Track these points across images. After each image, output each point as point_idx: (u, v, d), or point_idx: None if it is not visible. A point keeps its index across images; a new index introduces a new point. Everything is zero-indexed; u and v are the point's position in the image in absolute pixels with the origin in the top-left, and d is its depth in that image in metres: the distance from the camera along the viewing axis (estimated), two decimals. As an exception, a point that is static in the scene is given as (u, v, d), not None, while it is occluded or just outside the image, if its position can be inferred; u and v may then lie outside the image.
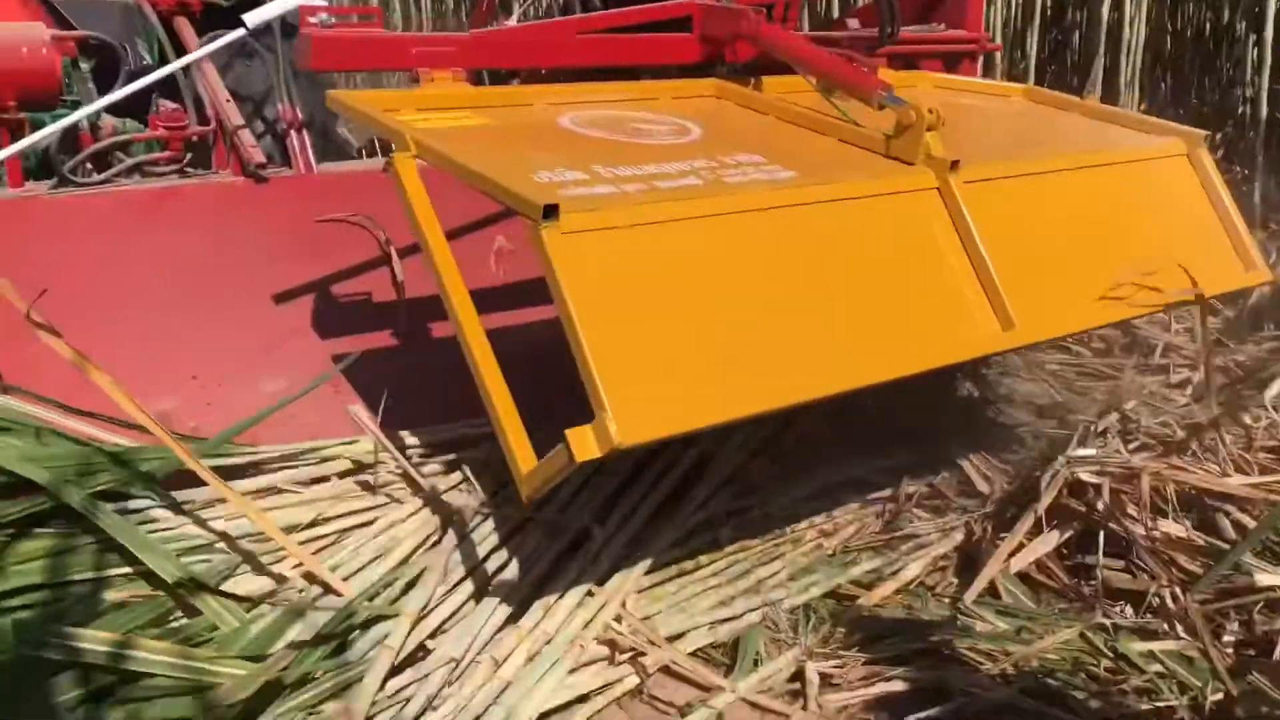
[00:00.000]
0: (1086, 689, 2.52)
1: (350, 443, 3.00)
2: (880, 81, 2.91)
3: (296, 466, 2.91)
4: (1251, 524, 2.90)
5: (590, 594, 2.75)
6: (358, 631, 2.45)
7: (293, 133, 3.73)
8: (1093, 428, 3.29)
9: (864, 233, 2.55)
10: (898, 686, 2.61)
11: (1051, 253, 2.85)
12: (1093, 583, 2.98)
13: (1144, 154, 3.27)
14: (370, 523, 2.84)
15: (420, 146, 2.43)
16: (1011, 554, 3.03)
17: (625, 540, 2.96)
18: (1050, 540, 3.04)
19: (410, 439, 3.07)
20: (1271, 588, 2.70)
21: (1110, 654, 2.67)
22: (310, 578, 2.59)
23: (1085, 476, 3.01)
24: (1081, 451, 3.11)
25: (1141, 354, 4.38)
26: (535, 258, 2.10)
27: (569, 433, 1.99)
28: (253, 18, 3.44)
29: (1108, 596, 2.89)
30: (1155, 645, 2.62)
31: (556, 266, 2.06)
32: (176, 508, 2.64)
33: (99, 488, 2.55)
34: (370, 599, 2.57)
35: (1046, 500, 3.00)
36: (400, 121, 2.62)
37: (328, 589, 2.55)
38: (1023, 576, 3.07)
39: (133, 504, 2.61)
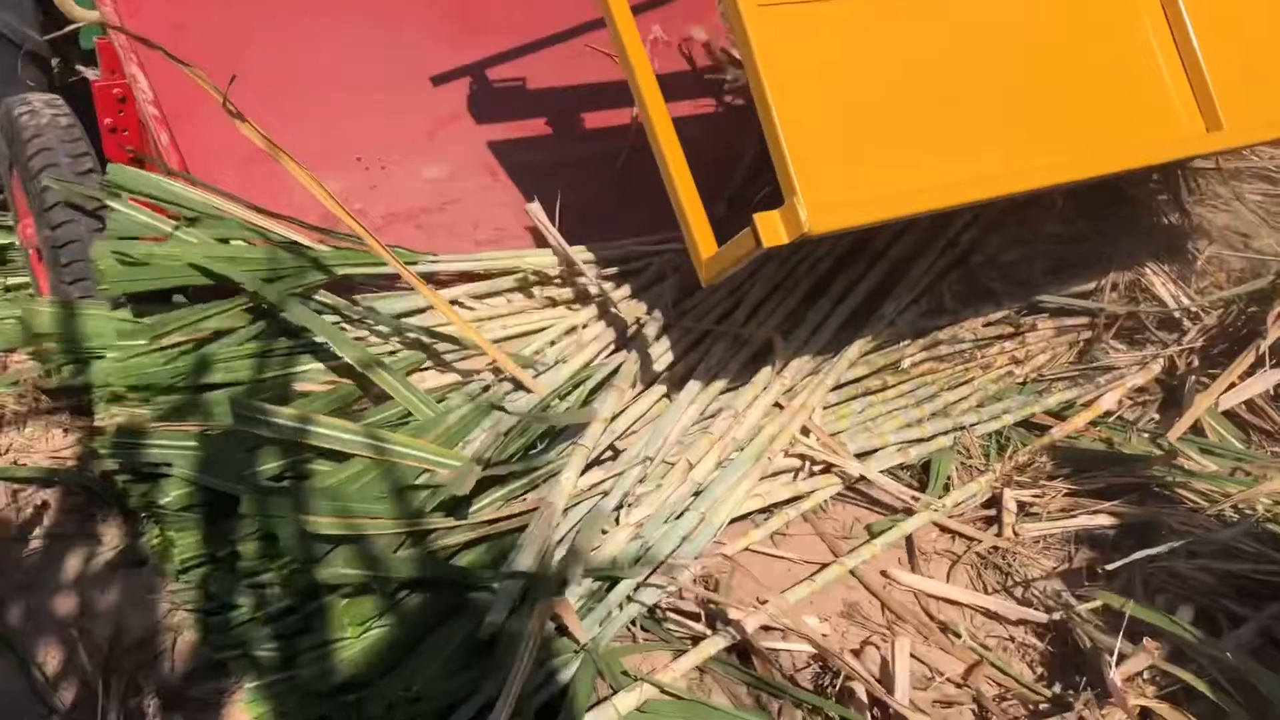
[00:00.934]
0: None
1: (522, 255, 2.91)
2: None
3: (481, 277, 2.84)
4: None
5: (779, 405, 2.65)
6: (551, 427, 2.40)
7: None
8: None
9: (1065, 14, 2.34)
10: (1103, 520, 2.49)
11: (1264, 46, 2.57)
12: (1309, 425, 2.79)
13: None
14: (553, 327, 2.76)
15: None
16: (1223, 391, 2.84)
17: (811, 354, 2.83)
18: (1269, 379, 2.84)
19: (583, 253, 2.95)
20: None
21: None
22: (499, 374, 2.54)
23: (1318, 311, 2.77)
24: (1313, 285, 2.86)
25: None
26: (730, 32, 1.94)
27: (757, 217, 1.90)
28: None
29: (1329, 440, 2.71)
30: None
31: (753, 40, 1.93)
32: (365, 309, 2.60)
33: (295, 290, 2.51)
34: (561, 398, 2.51)
35: (1273, 336, 2.77)
36: None
37: (519, 385, 2.49)
38: (1230, 416, 2.89)
39: (325, 302, 2.57)
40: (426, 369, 2.60)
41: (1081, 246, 3.39)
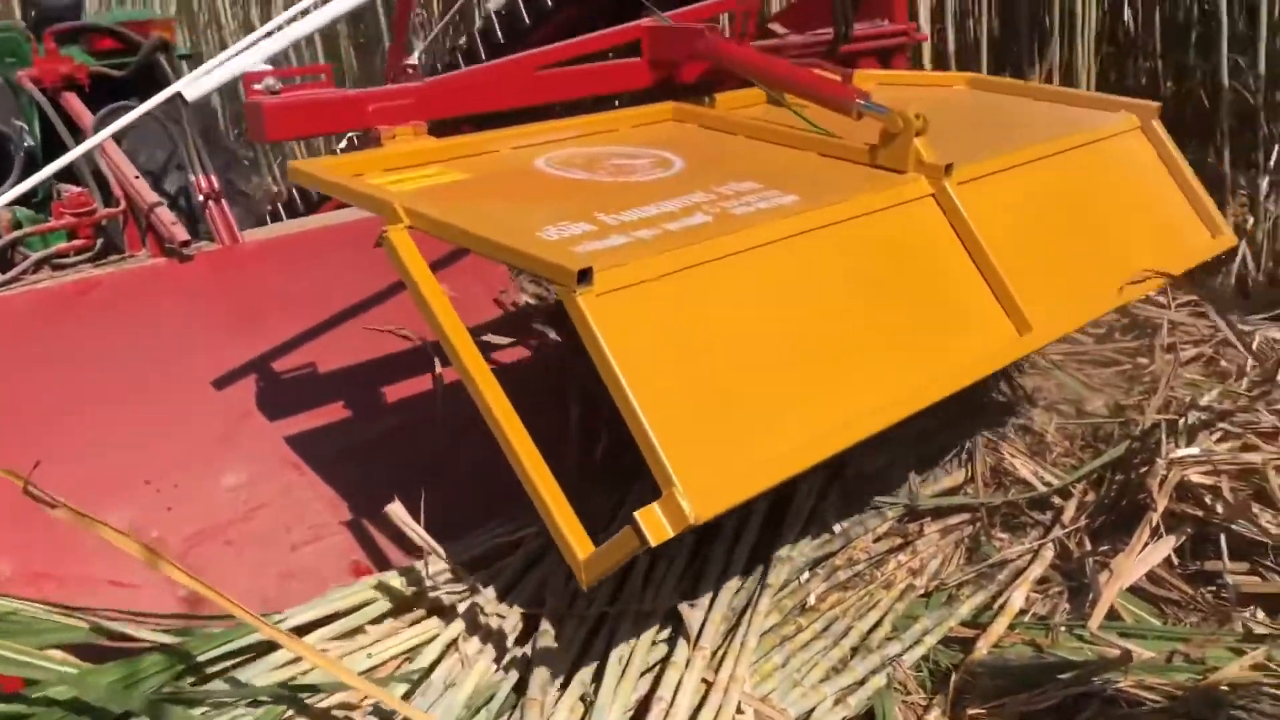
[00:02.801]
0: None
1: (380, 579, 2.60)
2: (856, 89, 2.75)
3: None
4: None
5: (706, 682, 2.35)
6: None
7: (211, 204, 3.38)
8: (1183, 423, 3.04)
9: (876, 251, 2.41)
10: (1071, 740, 2.29)
11: (1045, 246, 2.73)
12: (1211, 590, 2.74)
13: (1105, 131, 3.16)
14: (429, 645, 2.41)
15: (412, 215, 2.15)
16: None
17: (722, 611, 2.57)
18: (1163, 549, 2.80)
19: (439, 563, 2.64)
20: None
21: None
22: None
23: (1197, 477, 2.76)
24: (1184, 451, 2.86)
25: (1145, 335, 4.19)
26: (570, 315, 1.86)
27: (639, 514, 1.79)
28: (192, 90, 3.02)
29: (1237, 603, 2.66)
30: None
31: (600, 333, 1.85)
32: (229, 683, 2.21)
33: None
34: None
35: (1162, 505, 2.74)
36: (379, 188, 2.34)
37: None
38: (1135, 591, 2.81)
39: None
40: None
41: (936, 440, 3.34)
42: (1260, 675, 2.34)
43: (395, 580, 2.58)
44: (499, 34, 3.95)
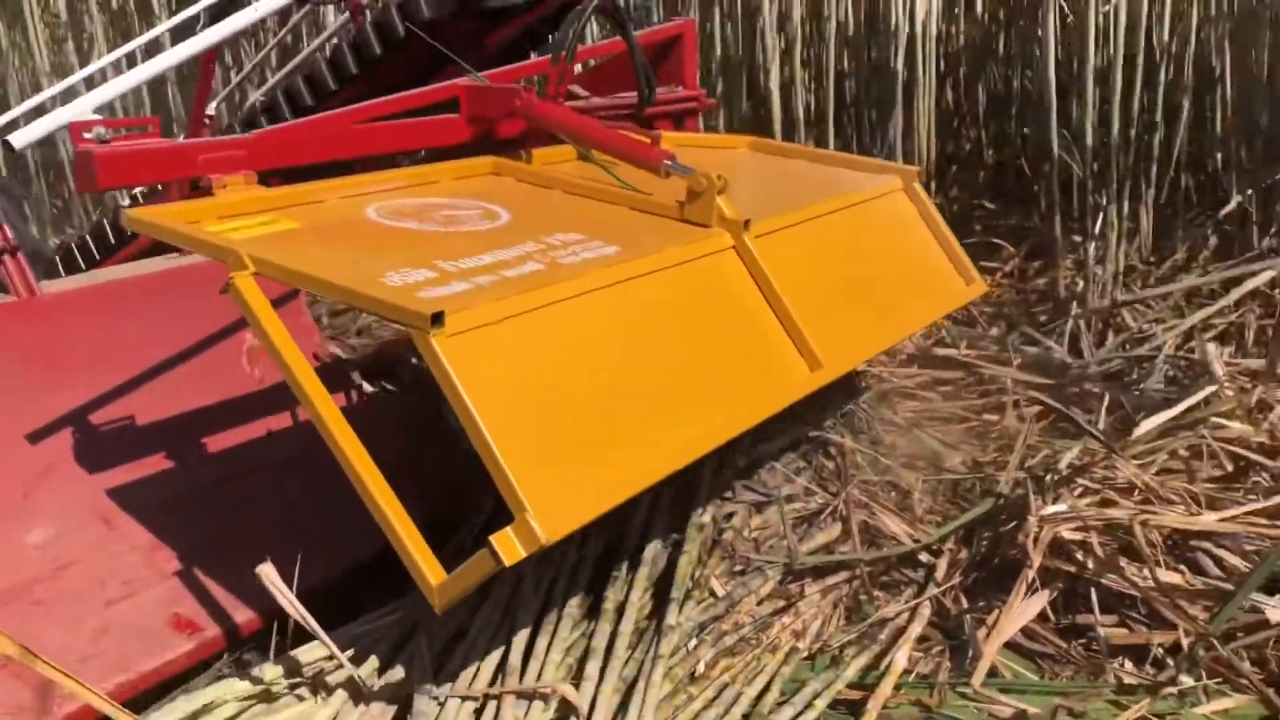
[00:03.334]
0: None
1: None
2: (663, 151, 2.99)
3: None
4: (1235, 560, 2.81)
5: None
6: None
7: (5, 257, 3.14)
8: (1048, 479, 3.13)
9: (688, 297, 2.66)
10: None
11: (830, 292, 3.05)
12: (1082, 643, 2.81)
13: (875, 192, 3.55)
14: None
15: (258, 261, 2.22)
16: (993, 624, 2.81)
17: (608, 691, 2.48)
18: (1038, 603, 2.85)
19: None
20: (1286, 621, 2.59)
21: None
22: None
23: (1067, 533, 2.84)
24: (1054, 508, 2.94)
25: (990, 393, 4.35)
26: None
27: (493, 539, 1.95)
28: (17, 138, 2.85)
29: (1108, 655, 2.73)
30: (1225, 704, 2.44)
31: (454, 372, 2.00)
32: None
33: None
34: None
35: (1038, 561, 2.80)
36: (220, 235, 2.40)
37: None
38: (1011, 647, 2.86)
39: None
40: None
41: (814, 497, 3.34)
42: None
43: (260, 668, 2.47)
44: (306, 97, 4.03)
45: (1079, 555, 2.85)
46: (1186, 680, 2.56)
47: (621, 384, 2.32)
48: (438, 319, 1.98)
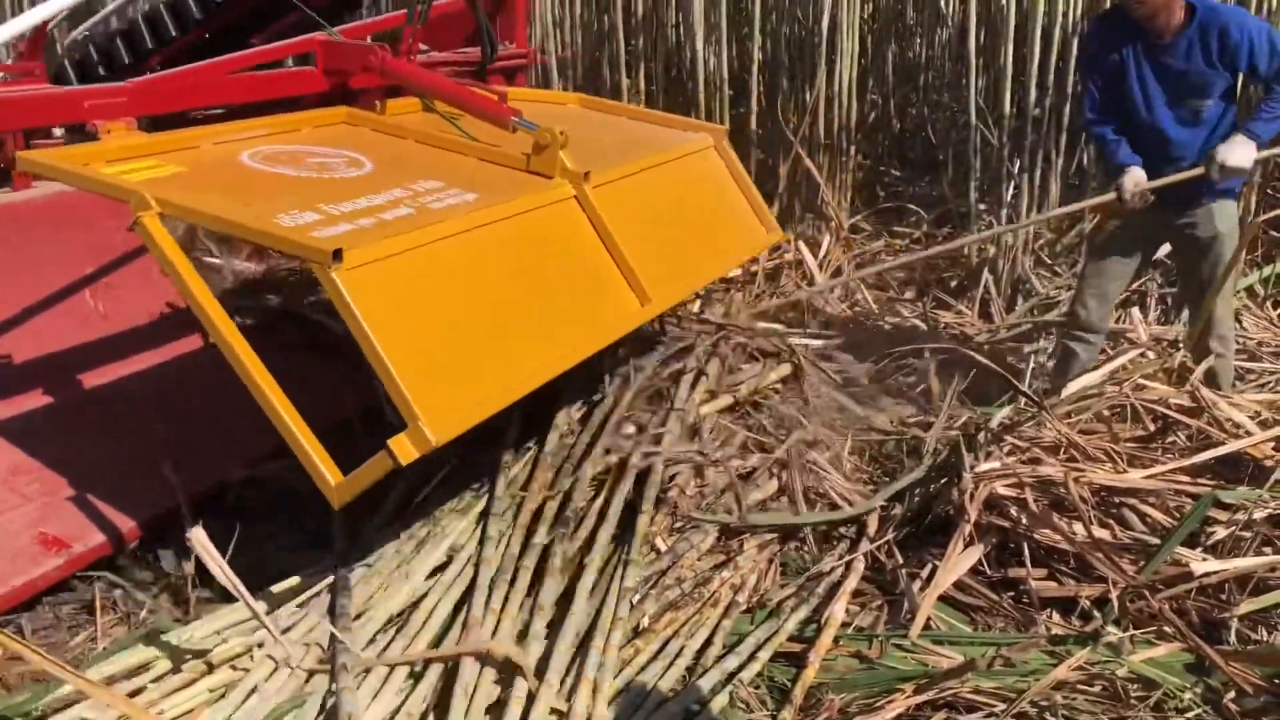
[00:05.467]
0: (1115, 713, 2.39)
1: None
2: (511, 107, 3.26)
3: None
4: (1159, 515, 2.92)
5: (558, 713, 2.24)
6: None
7: None
8: (981, 438, 3.20)
9: (539, 239, 2.95)
10: (919, 753, 2.34)
11: (655, 237, 3.34)
12: (1011, 595, 2.90)
13: (691, 148, 3.89)
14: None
15: (163, 202, 2.40)
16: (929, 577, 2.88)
17: (565, 645, 2.47)
18: (972, 556, 2.92)
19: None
20: (1207, 574, 2.70)
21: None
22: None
23: (1002, 489, 2.91)
24: (988, 465, 3.00)
25: (911, 355, 4.43)
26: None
27: (391, 442, 2.23)
28: None
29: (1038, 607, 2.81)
30: (1154, 653, 2.53)
31: (353, 302, 2.26)
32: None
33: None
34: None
35: (974, 516, 2.86)
36: (118, 177, 2.54)
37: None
38: (944, 599, 2.92)
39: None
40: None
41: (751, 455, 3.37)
42: (1080, 675, 2.47)
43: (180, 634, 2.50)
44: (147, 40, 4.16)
45: (1012, 511, 2.92)
46: (1113, 631, 2.65)
47: (490, 312, 2.63)
48: (338, 255, 2.24)
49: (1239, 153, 3.59)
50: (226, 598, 2.60)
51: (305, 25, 3.80)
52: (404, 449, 2.23)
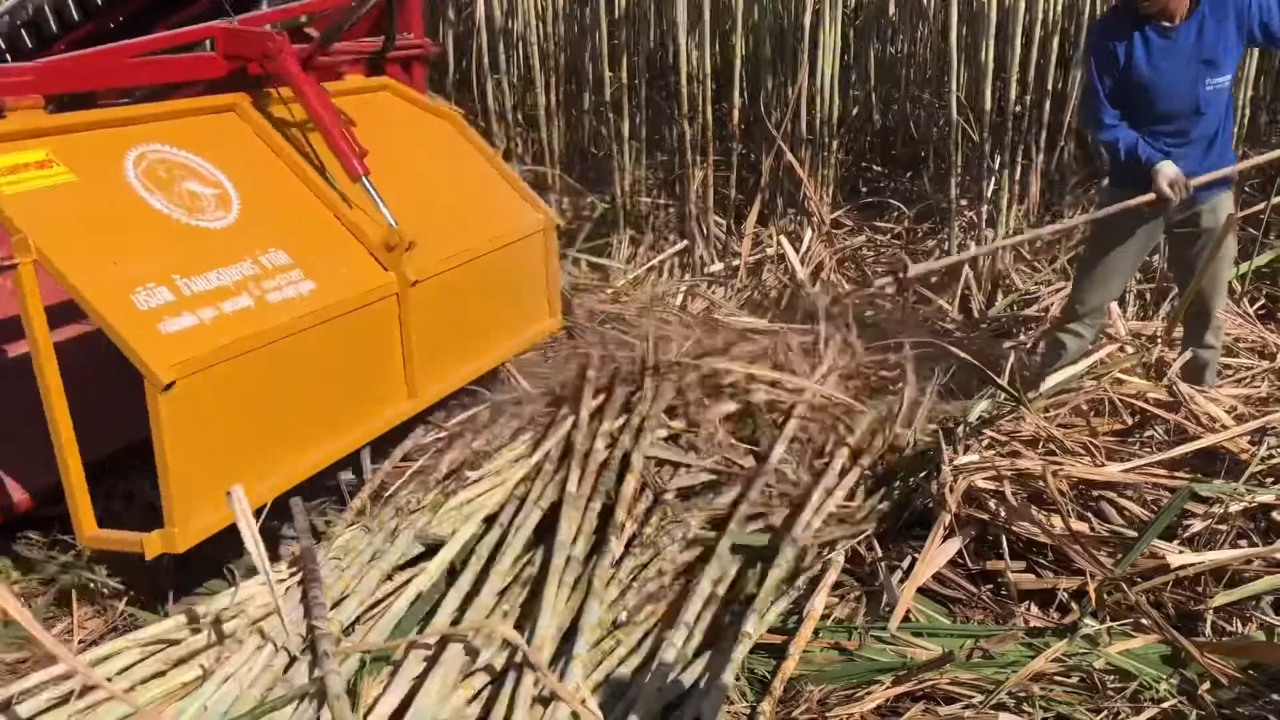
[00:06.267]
0: (1091, 704, 2.40)
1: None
2: (362, 166, 3.30)
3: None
4: (1136, 509, 2.94)
5: (544, 701, 2.24)
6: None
7: None
8: (960, 432, 3.21)
9: (355, 334, 3.12)
10: (900, 743, 2.35)
11: (451, 331, 3.50)
12: (990, 588, 2.91)
13: (524, 232, 3.91)
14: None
15: (41, 255, 2.53)
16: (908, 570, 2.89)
17: (552, 631, 2.47)
18: (950, 549, 2.93)
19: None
20: (1183, 567, 2.71)
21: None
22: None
23: (982, 482, 2.92)
24: (967, 458, 3.02)
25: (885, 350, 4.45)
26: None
27: (144, 538, 2.53)
28: None
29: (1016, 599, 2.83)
30: (1130, 645, 2.54)
31: (165, 425, 2.50)
32: None
33: None
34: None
35: (954, 508, 2.87)
36: (6, 190, 2.62)
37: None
38: (923, 591, 2.93)
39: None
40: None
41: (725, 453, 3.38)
42: (1058, 666, 2.49)
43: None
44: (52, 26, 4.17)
45: (991, 504, 2.94)
46: (1091, 623, 2.67)
47: (288, 410, 2.86)
48: (170, 385, 2.49)
49: None
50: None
51: (217, 14, 3.82)
52: (153, 545, 2.53)
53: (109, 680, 2.32)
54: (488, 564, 2.79)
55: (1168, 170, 3.58)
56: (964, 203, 5.53)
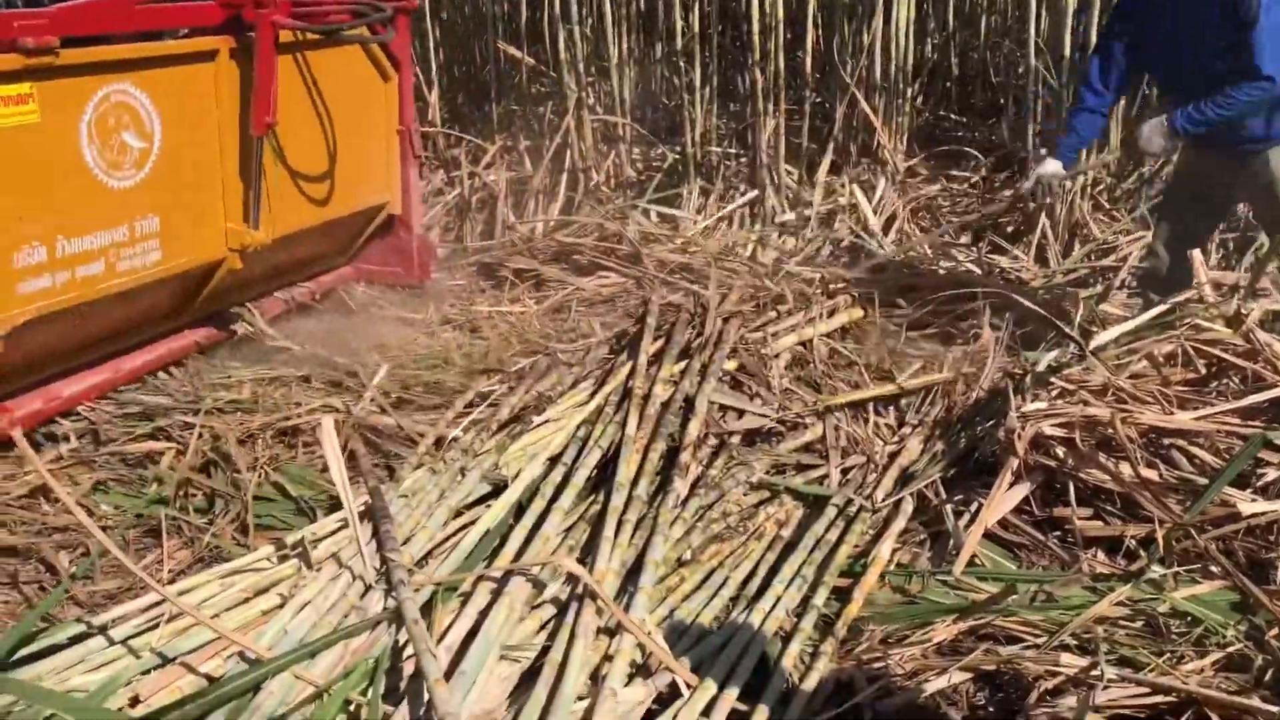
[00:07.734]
0: (1155, 647, 2.39)
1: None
2: (260, 125, 3.77)
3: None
4: (1208, 456, 2.90)
5: (608, 632, 2.31)
6: None
7: None
8: (1028, 381, 3.19)
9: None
10: (959, 677, 2.36)
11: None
12: (1056, 535, 2.90)
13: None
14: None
15: None
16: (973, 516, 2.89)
17: (614, 571, 2.54)
18: (1017, 495, 2.93)
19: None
20: (1255, 515, 2.68)
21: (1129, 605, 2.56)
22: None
23: (1050, 430, 2.91)
24: (1035, 405, 3.00)
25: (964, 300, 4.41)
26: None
27: None
28: None
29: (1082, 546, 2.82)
30: (1198, 590, 2.53)
31: None
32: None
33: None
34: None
35: (1022, 454, 2.87)
36: None
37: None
38: (989, 537, 2.93)
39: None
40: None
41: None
42: (1122, 610, 2.49)
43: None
44: None
45: (1059, 451, 2.92)
46: (1157, 569, 2.65)
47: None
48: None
49: (1154, 140, 3.65)
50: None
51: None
52: None
53: (196, 607, 2.44)
54: (550, 502, 2.86)
55: (1051, 166, 3.92)
56: (1043, 151, 5.42)
